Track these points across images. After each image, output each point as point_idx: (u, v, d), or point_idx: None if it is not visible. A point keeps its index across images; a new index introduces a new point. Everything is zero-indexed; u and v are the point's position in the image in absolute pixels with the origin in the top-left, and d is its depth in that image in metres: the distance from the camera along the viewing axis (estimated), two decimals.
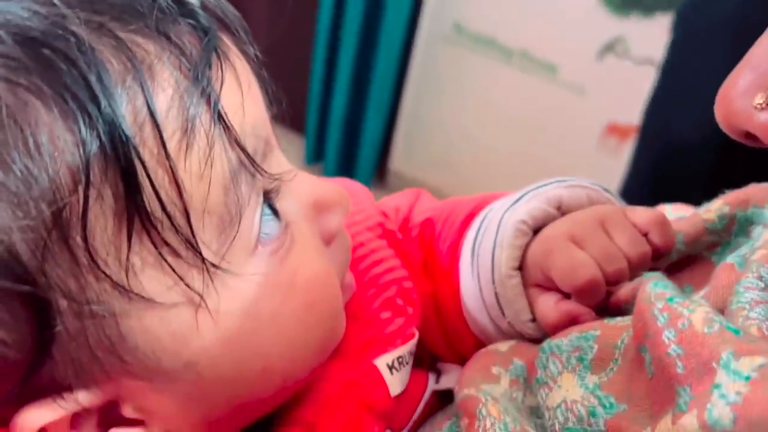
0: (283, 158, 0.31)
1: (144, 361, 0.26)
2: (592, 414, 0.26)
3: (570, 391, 0.28)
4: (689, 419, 0.21)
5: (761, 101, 0.22)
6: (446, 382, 0.39)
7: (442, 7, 1.79)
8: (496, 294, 0.34)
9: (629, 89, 1.70)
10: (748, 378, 0.20)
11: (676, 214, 0.44)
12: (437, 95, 1.91)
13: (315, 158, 1.97)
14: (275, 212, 0.29)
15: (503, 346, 0.34)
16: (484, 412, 0.28)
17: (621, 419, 0.25)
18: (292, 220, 0.30)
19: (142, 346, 0.26)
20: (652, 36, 1.64)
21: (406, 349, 0.35)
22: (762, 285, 0.25)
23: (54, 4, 0.25)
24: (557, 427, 0.27)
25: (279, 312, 0.28)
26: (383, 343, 0.35)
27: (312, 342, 0.30)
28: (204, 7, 0.28)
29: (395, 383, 0.34)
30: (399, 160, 2.01)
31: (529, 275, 0.34)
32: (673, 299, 0.24)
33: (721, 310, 0.29)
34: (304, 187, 0.31)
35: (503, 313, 0.34)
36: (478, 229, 0.37)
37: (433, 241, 0.41)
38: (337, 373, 0.33)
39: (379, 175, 2.02)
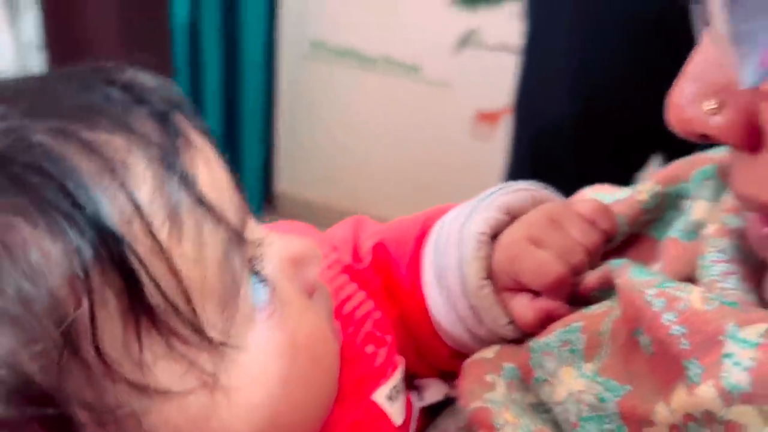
0: (253, 221, 0.31)
1: None
2: (602, 400, 0.28)
3: (572, 383, 0.30)
4: (706, 388, 0.23)
5: (711, 107, 0.25)
6: (429, 396, 0.40)
7: (298, 27, 1.81)
8: (471, 306, 0.36)
9: (491, 77, 1.79)
10: (756, 344, 0.23)
11: (599, 193, 0.47)
12: (309, 112, 1.92)
13: None
14: (261, 278, 0.29)
15: (489, 353, 0.36)
16: (501, 420, 0.30)
17: (631, 399, 0.27)
18: (276, 282, 0.30)
19: None
20: (503, 24, 1.74)
21: (397, 377, 0.36)
22: (726, 257, 0.28)
23: (22, 117, 0.24)
24: (573, 419, 0.29)
25: (288, 375, 0.29)
26: (376, 377, 0.35)
27: (321, 397, 0.31)
28: (151, 90, 0.28)
29: (396, 413, 0.35)
30: (284, 182, 2.00)
31: (498, 282, 0.36)
32: (665, 284, 0.27)
33: (682, 280, 0.32)
34: (276, 247, 0.31)
35: (481, 322, 0.36)
36: (435, 247, 0.39)
37: (390, 265, 0.42)
38: (339, 418, 0.34)
39: (267, 200, 2.01)
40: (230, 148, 1.83)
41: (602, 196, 0.45)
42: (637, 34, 0.83)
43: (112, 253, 0.23)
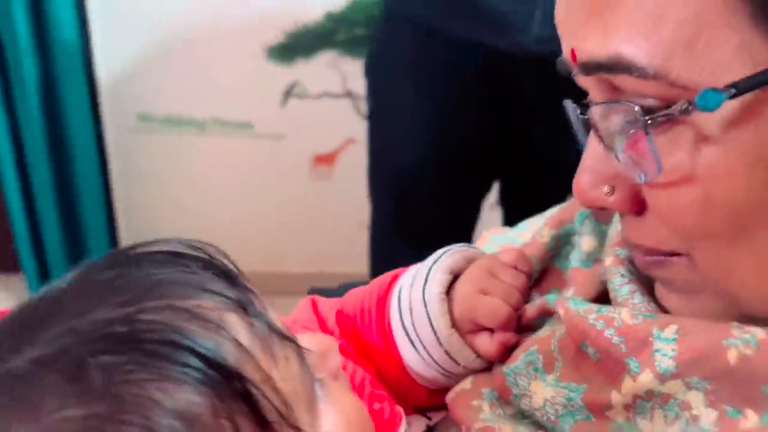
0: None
1: None
2: (569, 399, 0.40)
3: (544, 392, 0.41)
4: (645, 375, 0.35)
5: (607, 191, 0.37)
6: (414, 430, 0.50)
7: (121, 103, 1.80)
8: (446, 352, 0.46)
9: (320, 122, 1.91)
10: (674, 339, 0.35)
11: (495, 235, 0.59)
12: (147, 185, 1.92)
13: None
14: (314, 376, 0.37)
15: (466, 384, 0.46)
16: None
17: (590, 394, 0.39)
18: (317, 375, 0.38)
19: None
20: (321, 72, 1.86)
21: (404, 423, 0.45)
22: (627, 280, 0.41)
23: (126, 303, 0.31)
24: (553, 418, 0.40)
25: None
26: (389, 428, 0.44)
27: None
28: (207, 254, 0.35)
29: None
30: None
31: (461, 328, 0.46)
32: (601, 310, 0.39)
33: (593, 299, 0.44)
34: (308, 345, 0.39)
35: (457, 363, 0.46)
36: (400, 312, 0.48)
37: (356, 331, 0.51)
38: None
39: None
40: (72, 236, 1.78)
41: (502, 237, 0.58)
42: (466, 81, 0.99)
43: (237, 388, 0.31)
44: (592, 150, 0.38)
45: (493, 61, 0.96)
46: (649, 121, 0.32)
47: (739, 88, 0.29)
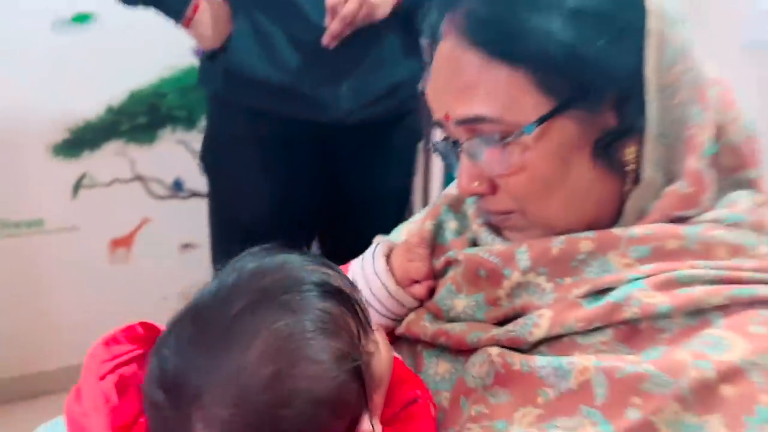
0: None
1: None
2: (477, 302, 0.72)
3: (462, 303, 0.72)
4: (517, 274, 0.68)
5: (477, 184, 0.70)
6: None
7: None
8: (397, 301, 0.76)
9: (113, 208, 2.03)
10: (526, 251, 0.68)
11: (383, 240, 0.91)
12: None
13: None
14: None
15: (411, 317, 0.76)
16: (448, 327, 0.71)
17: (487, 296, 0.71)
18: None
19: None
20: (109, 161, 2.00)
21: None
22: (489, 233, 0.75)
23: (277, 272, 0.57)
24: (471, 313, 0.72)
25: (386, 349, 0.65)
26: None
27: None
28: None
29: None
30: None
31: (401, 284, 0.77)
32: (484, 247, 0.72)
33: None
34: None
35: (403, 306, 0.77)
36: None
37: None
38: None
39: None
40: None
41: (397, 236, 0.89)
42: (295, 150, 1.27)
43: (347, 299, 0.58)
44: (464, 163, 0.71)
45: (316, 132, 1.25)
46: (503, 144, 0.66)
47: (538, 122, 0.65)
